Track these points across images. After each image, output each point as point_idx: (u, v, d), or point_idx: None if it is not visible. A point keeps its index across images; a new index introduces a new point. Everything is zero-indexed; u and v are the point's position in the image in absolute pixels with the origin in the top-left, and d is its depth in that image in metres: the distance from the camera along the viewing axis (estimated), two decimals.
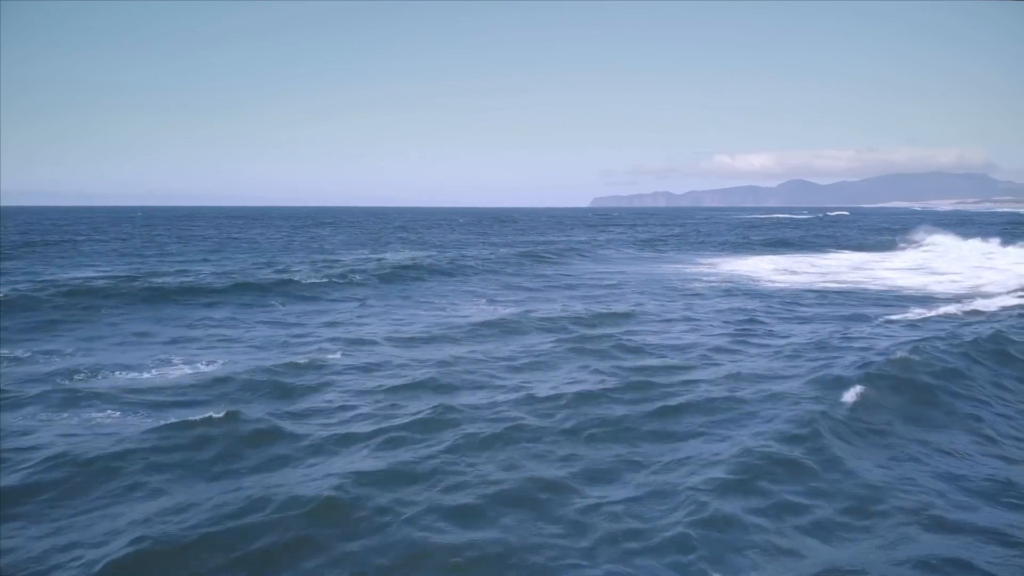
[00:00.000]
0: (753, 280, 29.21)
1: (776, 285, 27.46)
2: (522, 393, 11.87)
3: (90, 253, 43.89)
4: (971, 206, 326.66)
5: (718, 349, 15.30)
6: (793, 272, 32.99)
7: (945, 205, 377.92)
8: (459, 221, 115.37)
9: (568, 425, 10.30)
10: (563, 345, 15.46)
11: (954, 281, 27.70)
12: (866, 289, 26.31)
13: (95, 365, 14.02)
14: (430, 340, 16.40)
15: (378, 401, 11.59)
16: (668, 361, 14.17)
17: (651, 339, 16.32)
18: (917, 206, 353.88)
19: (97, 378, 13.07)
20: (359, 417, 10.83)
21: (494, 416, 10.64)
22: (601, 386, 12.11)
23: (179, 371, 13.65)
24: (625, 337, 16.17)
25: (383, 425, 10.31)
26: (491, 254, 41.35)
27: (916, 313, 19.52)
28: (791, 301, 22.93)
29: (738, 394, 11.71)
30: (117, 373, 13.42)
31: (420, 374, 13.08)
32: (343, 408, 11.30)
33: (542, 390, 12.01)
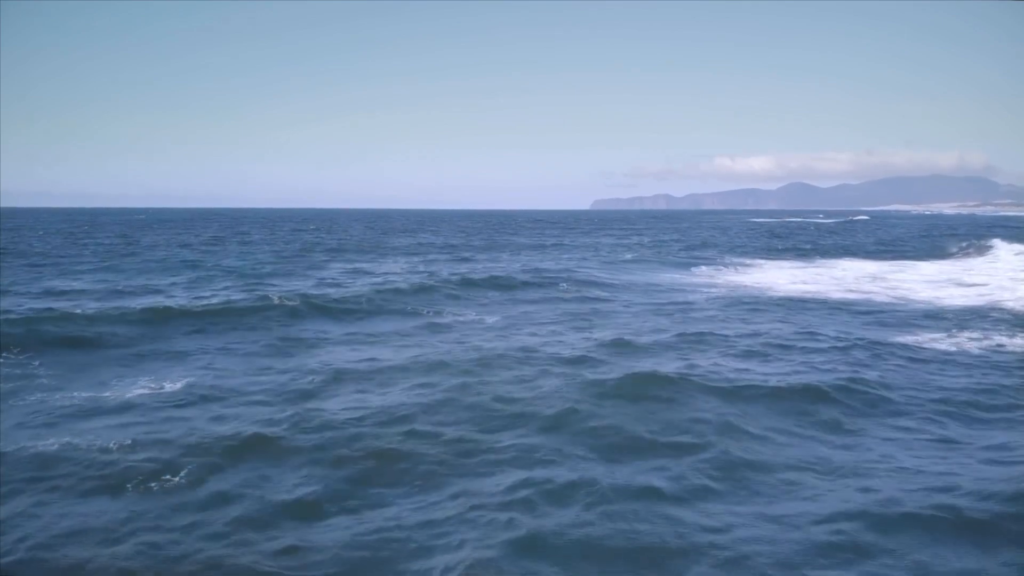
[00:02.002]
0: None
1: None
2: None
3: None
4: (972, 209, 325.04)
5: None
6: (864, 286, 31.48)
7: (947, 208, 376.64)
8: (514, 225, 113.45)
9: None
10: None
11: (981, 295, 26.34)
12: (873, 301, 25.00)
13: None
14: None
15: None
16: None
17: None
18: (926, 210, 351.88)
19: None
20: None
21: None
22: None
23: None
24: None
25: None
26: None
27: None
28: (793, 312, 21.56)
29: None
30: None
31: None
32: None
33: None
